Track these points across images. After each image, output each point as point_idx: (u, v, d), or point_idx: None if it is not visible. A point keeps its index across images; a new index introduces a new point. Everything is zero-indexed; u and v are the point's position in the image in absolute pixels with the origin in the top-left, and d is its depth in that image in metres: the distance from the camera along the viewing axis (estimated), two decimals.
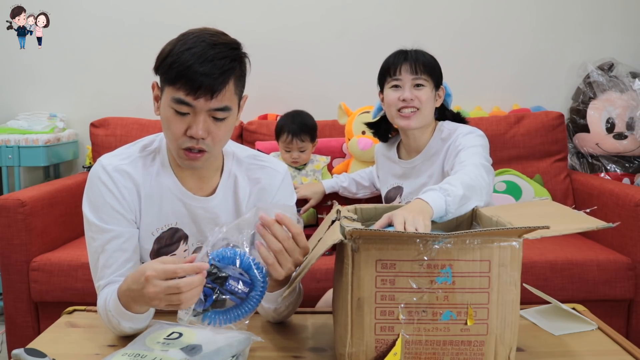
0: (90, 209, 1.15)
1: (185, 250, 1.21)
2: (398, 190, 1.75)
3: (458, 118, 1.75)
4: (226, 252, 0.96)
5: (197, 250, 1.22)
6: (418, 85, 1.62)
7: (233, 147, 1.26)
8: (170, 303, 0.92)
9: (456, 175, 1.35)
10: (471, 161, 1.44)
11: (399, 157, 1.77)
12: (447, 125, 1.67)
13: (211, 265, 0.94)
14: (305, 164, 2.26)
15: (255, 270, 0.96)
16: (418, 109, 1.61)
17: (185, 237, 1.21)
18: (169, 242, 1.20)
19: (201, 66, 1.02)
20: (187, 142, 1.08)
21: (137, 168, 1.17)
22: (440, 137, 1.65)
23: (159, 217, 1.19)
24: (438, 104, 1.69)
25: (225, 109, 1.07)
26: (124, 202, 1.15)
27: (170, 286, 0.90)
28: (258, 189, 1.23)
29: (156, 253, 1.19)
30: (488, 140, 1.61)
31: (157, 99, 1.13)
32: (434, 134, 1.68)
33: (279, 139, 2.22)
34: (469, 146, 1.52)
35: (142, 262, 1.19)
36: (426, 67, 1.62)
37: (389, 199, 1.79)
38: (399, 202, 1.73)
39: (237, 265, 0.95)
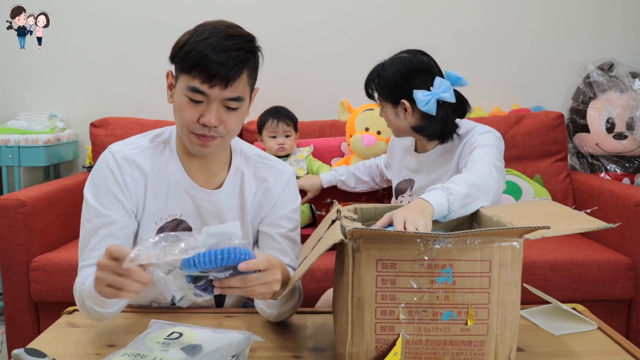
0: (92, 192, 1.16)
1: None
2: (409, 182, 1.74)
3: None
4: (196, 259, 0.86)
5: None
6: (382, 108, 1.68)
7: (241, 144, 1.28)
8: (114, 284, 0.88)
9: (464, 173, 1.35)
10: (483, 160, 1.43)
11: (416, 149, 1.76)
12: (465, 123, 1.66)
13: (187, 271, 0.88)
14: (288, 155, 2.29)
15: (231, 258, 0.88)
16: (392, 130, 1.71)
17: (189, 230, 1.21)
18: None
19: (217, 55, 1.05)
20: (199, 130, 1.10)
21: (146, 158, 1.19)
22: (458, 133, 1.64)
23: (163, 208, 1.19)
24: (409, 118, 1.62)
25: (238, 99, 1.10)
26: (127, 192, 1.16)
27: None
28: (264, 188, 1.24)
29: None
30: (504, 142, 1.60)
31: (171, 87, 1.16)
32: None
33: (263, 129, 2.27)
34: (484, 145, 1.51)
35: None
36: (376, 92, 1.66)
37: (400, 190, 1.77)
38: (410, 195, 1.73)
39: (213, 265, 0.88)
